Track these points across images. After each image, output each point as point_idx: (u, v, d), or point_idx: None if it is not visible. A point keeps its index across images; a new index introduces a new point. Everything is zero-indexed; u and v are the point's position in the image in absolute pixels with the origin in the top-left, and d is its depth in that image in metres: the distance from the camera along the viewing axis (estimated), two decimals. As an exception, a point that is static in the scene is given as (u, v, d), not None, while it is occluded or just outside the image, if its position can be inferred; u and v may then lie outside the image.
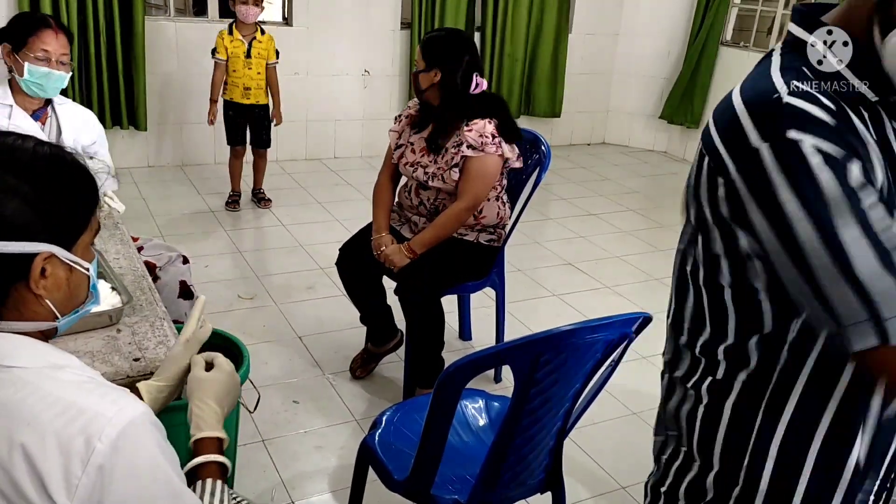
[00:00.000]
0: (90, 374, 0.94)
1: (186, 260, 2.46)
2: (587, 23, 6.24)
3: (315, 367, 2.88)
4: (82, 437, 0.84)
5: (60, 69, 2.25)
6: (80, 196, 0.96)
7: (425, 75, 2.48)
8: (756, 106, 0.85)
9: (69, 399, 0.86)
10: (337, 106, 5.53)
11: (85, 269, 0.98)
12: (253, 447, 2.39)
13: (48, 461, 0.83)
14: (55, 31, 2.25)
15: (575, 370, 1.50)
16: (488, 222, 2.59)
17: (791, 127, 0.81)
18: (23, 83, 2.22)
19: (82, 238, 0.97)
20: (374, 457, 1.75)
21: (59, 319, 0.99)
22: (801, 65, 0.89)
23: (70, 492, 0.83)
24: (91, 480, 0.83)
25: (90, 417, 0.85)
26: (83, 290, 1.01)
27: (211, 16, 5.07)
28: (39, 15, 2.35)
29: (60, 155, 0.96)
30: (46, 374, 0.90)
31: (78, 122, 2.38)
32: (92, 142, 2.43)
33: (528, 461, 1.61)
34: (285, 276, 3.67)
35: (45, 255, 0.92)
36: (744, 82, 0.92)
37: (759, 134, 0.83)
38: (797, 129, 0.81)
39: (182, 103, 5.04)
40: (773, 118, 0.83)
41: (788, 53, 0.91)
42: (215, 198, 4.62)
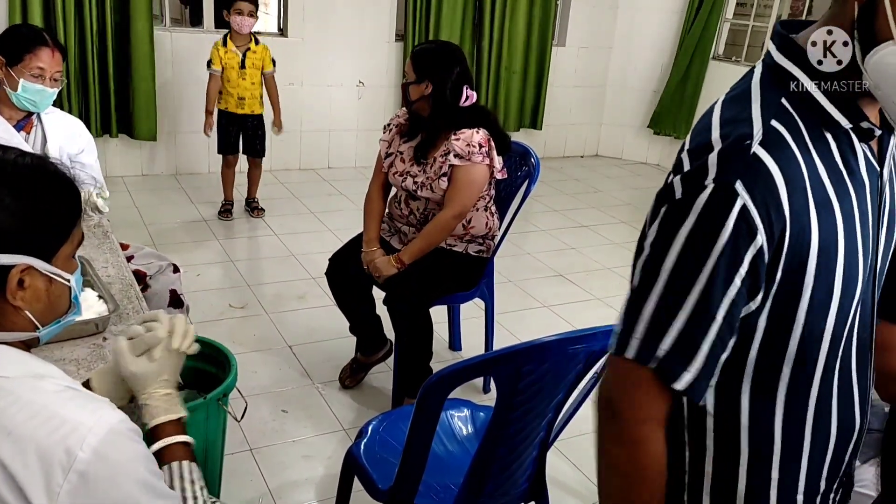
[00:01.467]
0: (69, 383, 0.95)
1: (177, 269, 2.47)
2: (581, 36, 6.29)
3: (304, 376, 2.89)
4: (63, 446, 0.85)
5: (54, 86, 2.28)
6: (62, 207, 0.97)
7: (416, 87, 2.51)
8: (728, 147, 0.85)
9: (50, 408, 0.87)
10: (331, 116, 5.56)
11: (66, 280, 0.99)
12: (241, 456, 2.40)
13: (28, 470, 0.84)
14: (52, 49, 2.27)
15: (557, 381, 1.52)
16: (477, 233, 2.61)
17: (741, 178, 0.83)
18: (14, 97, 2.23)
19: (63, 249, 0.97)
20: (359, 466, 1.76)
21: (40, 330, 1.00)
22: (780, 96, 0.89)
23: (52, 499, 0.84)
24: (73, 487, 0.85)
25: (71, 427, 0.86)
26: (64, 301, 1.02)
27: (206, 26, 5.10)
28: (36, 30, 2.35)
29: (42, 166, 0.97)
30: (27, 383, 0.91)
31: (64, 132, 2.39)
32: (80, 150, 2.43)
33: (512, 471, 1.62)
34: (277, 285, 3.68)
35: (23, 267, 0.93)
36: (724, 107, 0.92)
37: (717, 174, 0.84)
38: (745, 182, 0.82)
39: (176, 113, 5.06)
40: (735, 163, 0.84)
41: (769, 81, 0.91)
42: (208, 207, 4.63)
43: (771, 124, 0.86)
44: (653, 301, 0.87)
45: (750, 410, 0.94)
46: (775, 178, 0.83)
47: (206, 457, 2.00)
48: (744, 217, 0.82)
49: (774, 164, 0.84)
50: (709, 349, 0.86)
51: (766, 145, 0.84)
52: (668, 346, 0.86)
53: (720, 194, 0.82)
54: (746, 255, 0.83)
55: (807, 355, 0.91)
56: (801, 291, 0.87)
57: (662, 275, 0.86)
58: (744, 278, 0.84)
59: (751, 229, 0.82)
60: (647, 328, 0.87)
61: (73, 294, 1.02)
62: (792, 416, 0.95)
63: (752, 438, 0.95)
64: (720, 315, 0.85)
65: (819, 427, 0.96)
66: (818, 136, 0.88)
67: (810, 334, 0.90)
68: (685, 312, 0.85)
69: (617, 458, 0.92)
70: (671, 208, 0.86)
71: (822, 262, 0.86)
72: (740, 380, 0.93)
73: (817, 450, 0.98)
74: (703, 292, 0.84)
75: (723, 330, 0.86)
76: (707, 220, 0.83)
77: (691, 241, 0.84)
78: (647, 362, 0.87)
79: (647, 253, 0.89)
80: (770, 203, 0.83)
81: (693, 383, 0.87)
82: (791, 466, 0.97)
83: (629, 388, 0.90)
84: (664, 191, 0.89)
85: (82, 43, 4.58)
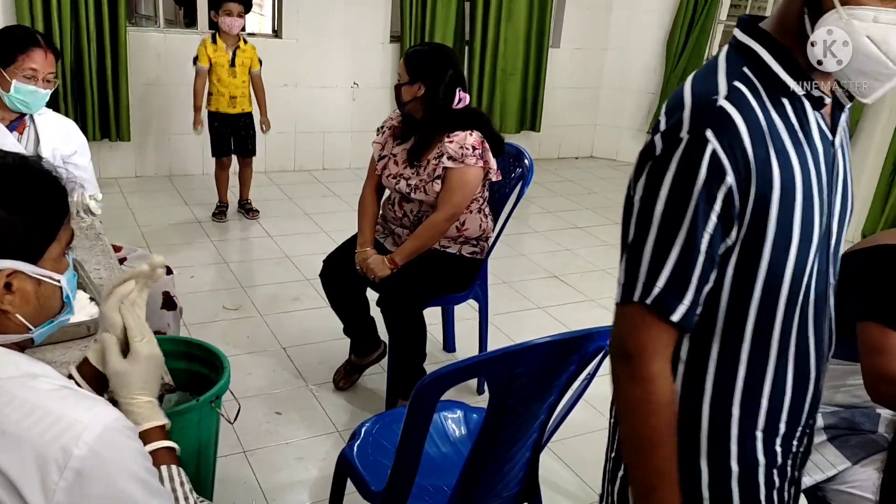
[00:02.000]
0: (64, 382, 0.95)
1: (170, 271, 2.47)
2: (575, 38, 6.30)
3: (298, 378, 2.89)
4: (59, 444, 0.85)
5: (46, 87, 2.26)
6: (47, 207, 0.96)
7: (408, 88, 2.51)
8: (698, 103, 0.96)
9: (46, 407, 0.87)
10: (326, 118, 5.56)
11: (56, 280, 0.99)
12: (234, 458, 2.39)
13: (24, 469, 0.84)
14: (45, 51, 2.25)
15: (550, 382, 1.51)
16: (471, 234, 2.61)
17: (710, 127, 0.93)
18: (7, 98, 2.22)
19: (50, 249, 0.97)
20: (352, 468, 1.76)
21: (33, 331, 0.99)
22: (743, 65, 1.00)
23: (47, 497, 0.84)
24: (69, 484, 0.85)
25: (67, 425, 0.86)
26: (55, 302, 1.01)
27: (200, 27, 5.09)
28: (30, 32, 2.33)
29: (26, 166, 0.96)
30: (22, 383, 0.91)
31: (57, 133, 2.38)
32: (72, 152, 2.42)
33: (504, 473, 1.62)
34: (271, 287, 3.68)
35: (8, 272, 0.92)
36: (694, 78, 1.02)
37: (689, 127, 0.95)
38: (714, 130, 0.93)
39: (169, 114, 5.05)
40: (704, 115, 0.95)
41: (734, 55, 1.02)
42: (202, 208, 4.62)
43: (734, 84, 0.97)
44: (649, 248, 0.97)
45: (718, 355, 1.04)
46: (739, 127, 0.94)
47: (199, 459, 1.99)
48: (714, 160, 0.93)
49: (738, 114, 0.94)
50: (697, 280, 0.97)
51: (731, 100, 0.95)
52: (663, 281, 0.96)
53: (693, 143, 0.93)
54: (719, 194, 0.93)
55: (769, 298, 1.01)
56: (766, 231, 0.96)
57: (654, 223, 0.96)
58: (719, 214, 0.94)
59: (721, 170, 0.93)
60: (647, 271, 0.97)
61: (64, 294, 1.02)
62: (754, 361, 1.04)
63: (716, 379, 1.05)
64: (703, 248, 0.95)
65: (778, 374, 1.05)
66: (776, 99, 0.99)
67: (772, 275, 0.99)
68: (676, 249, 0.95)
69: (634, 396, 1.00)
70: (654, 164, 0.97)
71: (782, 205, 0.96)
72: (713, 327, 1.03)
73: (776, 393, 1.06)
74: (688, 230, 0.94)
75: (706, 262, 0.96)
76: (685, 167, 0.94)
77: (674, 188, 0.94)
78: (647, 299, 0.97)
79: (637, 207, 0.99)
80: (736, 148, 0.93)
81: (685, 314, 0.97)
82: (750, 407, 1.06)
83: (636, 330, 0.99)
84: (646, 149, 0.99)
85: (78, 45, 4.57)
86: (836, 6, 0.90)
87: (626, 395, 1.02)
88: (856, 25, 0.89)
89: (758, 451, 1.07)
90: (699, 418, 1.06)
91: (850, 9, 0.89)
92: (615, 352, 1.03)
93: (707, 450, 1.07)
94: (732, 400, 1.05)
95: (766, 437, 1.08)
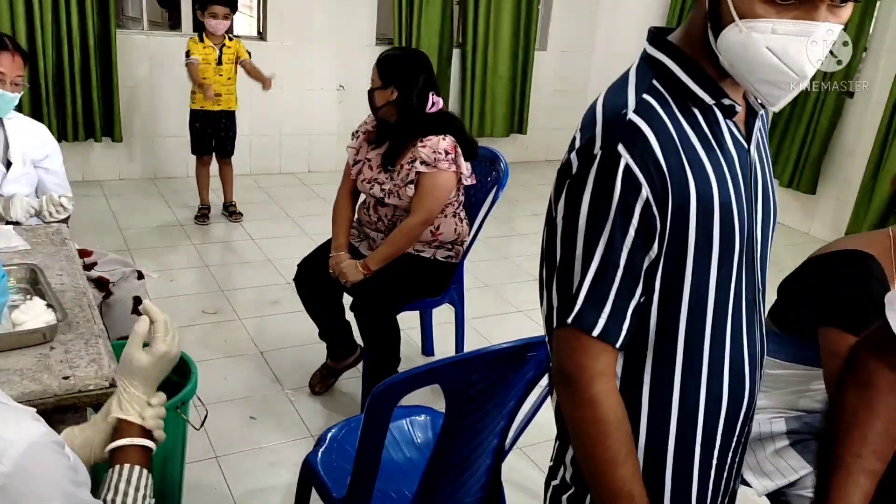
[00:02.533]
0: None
1: (142, 275, 2.45)
2: (562, 40, 6.30)
3: (275, 382, 2.88)
4: None
5: (14, 90, 2.26)
6: None
7: (381, 92, 2.51)
8: (608, 118, 0.97)
9: None
10: (312, 120, 5.55)
11: None
12: (205, 464, 2.38)
13: None
14: (12, 54, 2.25)
15: (508, 389, 1.51)
16: (445, 238, 2.60)
17: (621, 141, 0.93)
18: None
19: None
20: (315, 474, 1.75)
21: None
22: (652, 77, 1.00)
23: None
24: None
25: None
26: None
27: (185, 29, 5.08)
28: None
29: None
30: None
31: (28, 137, 2.38)
32: (44, 156, 2.42)
33: (465, 479, 1.61)
34: (251, 290, 3.67)
35: None
36: (607, 92, 1.03)
37: (602, 143, 0.95)
38: (625, 144, 0.93)
39: (154, 116, 5.04)
40: (614, 130, 0.95)
41: (644, 69, 1.02)
42: (185, 211, 4.61)
43: (643, 97, 0.97)
44: (578, 268, 0.96)
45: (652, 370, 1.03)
46: (650, 139, 0.94)
47: (165, 466, 1.98)
48: (628, 174, 0.93)
49: (648, 127, 0.95)
50: (615, 296, 0.96)
51: (639, 112, 0.96)
52: (582, 297, 0.96)
53: (606, 158, 0.94)
54: (636, 208, 0.93)
55: (697, 309, 1.00)
56: (687, 242, 0.97)
57: (579, 243, 0.96)
58: (637, 229, 0.94)
59: (635, 184, 0.93)
60: (575, 291, 0.96)
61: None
62: (688, 374, 1.03)
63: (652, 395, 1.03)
64: (622, 263, 0.95)
65: (712, 387, 1.04)
66: (686, 110, 0.99)
67: (698, 285, 0.99)
68: (594, 265, 0.95)
69: (580, 421, 0.99)
70: (572, 183, 0.97)
71: (700, 215, 0.96)
72: (645, 343, 1.02)
73: (711, 406, 1.05)
74: (606, 245, 0.94)
75: (626, 278, 0.96)
76: (601, 184, 0.94)
77: (593, 206, 0.94)
78: (568, 318, 0.96)
79: (560, 228, 0.99)
80: (648, 160, 0.93)
81: (605, 328, 0.96)
82: (686, 421, 1.04)
83: (573, 353, 0.98)
84: (563, 167, 0.99)
85: (59, 47, 4.55)
86: (735, 20, 0.90)
87: (573, 418, 1.00)
88: (755, 37, 0.90)
89: (694, 466, 1.06)
90: (637, 436, 1.04)
91: (748, 21, 0.90)
92: (556, 376, 1.02)
93: (643, 466, 1.05)
94: (669, 415, 1.04)
95: (702, 452, 1.06)
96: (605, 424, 0.98)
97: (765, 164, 1.09)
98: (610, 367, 0.99)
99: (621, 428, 0.99)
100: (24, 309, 1.56)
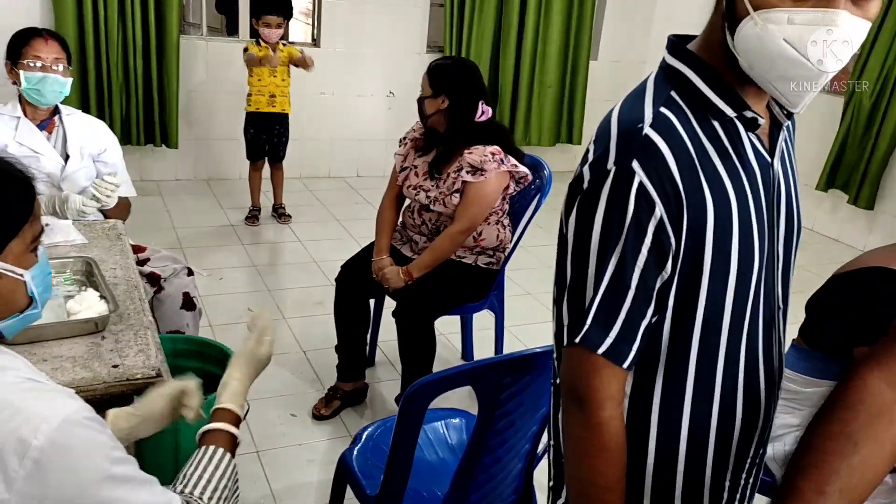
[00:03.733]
0: (32, 374, 0.99)
1: (191, 272, 2.54)
2: (614, 50, 6.26)
3: (316, 381, 2.93)
4: (16, 436, 0.88)
5: (56, 72, 2.34)
6: (5, 205, 1.00)
7: (432, 101, 2.54)
8: (623, 132, 0.94)
9: (7, 400, 0.91)
10: (361, 126, 5.64)
11: (18, 275, 1.03)
12: (247, 457, 2.44)
13: None
14: (45, 39, 2.35)
15: (541, 393, 1.52)
16: (488, 245, 2.62)
17: (636, 157, 0.91)
18: (24, 92, 2.33)
19: (12, 245, 1.01)
20: (350, 472, 1.79)
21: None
22: (670, 89, 0.97)
23: (9, 485, 0.88)
24: (28, 473, 0.88)
25: (26, 417, 0.90)
26: (19, 296, 1.05)
27: (242, 35, 5.22)
28: (31, 27, 2.43)
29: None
30: None
31: (85, 132, 2.46)
32: (101, 150, 2.50)
33: (497, 483, 1.63)
34: (297, 291, 3.74)
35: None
36: (623, 104, 0.99)
37: (615, 158, 0.92)
38: (640, 161, 0.90)
39: (210, 119, 5.18)
40: (629, 145, 0.92)
41: (662, 80, 0.99)
42: (237, 212, 4.73)
43: (660, 111, 0.94)
44: (590, 287, 0.94)
45: (663, 389, 1.00)
46: (665, 156, 0.91)
47: (207, 456, 2.05)
48: (642, 192, 0.90)
49: (664, 143, 0.92)
50: (625, 315, 0.93)
51: (656, 127, 0.92)
52: (591, 316, 0.94)
53: (620, 175, 0.91)
54: (649, 227, 0.91)
55: (711, 329, 0.97)
56: (703, 261, 0.93)
57: (590, 261, 0.93)
58: (650, 248, 0.91)
59: (649, 203, 0.90)
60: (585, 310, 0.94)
61: (28, 289, 1.06)
62: (700, 393, 1.00)
63: (662, 415, 1.01)
64: (633, 283, 0.92)
65: (726, 406, 1.01)
66: (706, 123, 0.95)
67: (713, 305, 0.96)
68: (604, 284, 0.93)
69: (585, 441, 0.97)
70: (583, 199, 0.94)
71: (718, 234, 0.93)
72: (656, 362, 0.99)
73: (725, 426, 1.02)
74: (617, 265, 0.92)
75: (638, 298, 0.93)
76: (613, 201, 0.91)
77: (605, 223, 0.92)
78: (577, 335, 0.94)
79: (571, 245, 0.96)
80: (664, 178, 0.90)
81: (615, 348, 0.94)
82: (698, 441, 1.01)
83: (585, 374, 0.96)
84: (575, 181, 0.96)
85: (125, 52, 4.71)
86: (750, 12, 0.87)
87: (576, 438, 0.98)
88: (771, 29, 0.86)
89: (705, 487, 1.03)
90: (644, 457, 1.02)
91: (764, 13, 0.86)
92: (567, 395, 1.00)
93: (651, 488, 1.03)
94: (679, 435, 1.01)
95: (714, 473, 1.04)
96: (607, 451, 0.96)
97: (790, 177, 1.05)
98: (620, 391, 0.97)
99: (620, 456, 0.98)
100: (79, 299, 1.64)
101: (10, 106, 2.41)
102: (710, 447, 1.02)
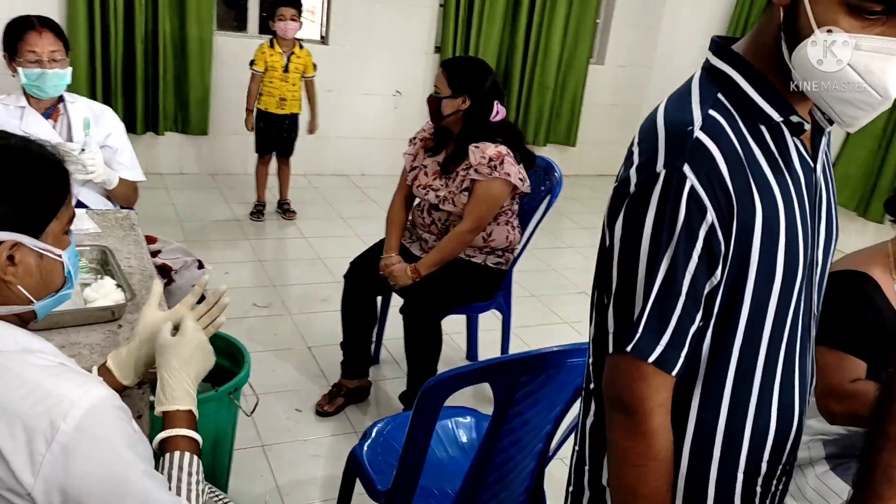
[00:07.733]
0: (62, 359, 0.99)
1: (202, 265, 2.54)
2: (621, 55, 6.28)
3: (321, 377, 2.93)
4: (47, 419, 0.89)
5: (54, 67, 2.31)
6: (48, 187, 1.02)
7: (450, 101, 2.52)
8: (672, 134, 0.93)
9: (37, 382, 0.91)
10: (367, 124, 5.64)
11: (56, 255, 1.04)
12: (252, 451, 2.45)
13: (13, 441, 0.88)
14: (38, 31, 2.29)
15: (556, 393, 1.52)
16: (497, 245, 2.63)
17: (687, 161, 0.89)
18: (25, 87, 2.33)
19: (51, 226, 1.02)
20: (361, 467, 1.79)
21: (35, 304, 1.04)
22: (717, 91, 0.96)
23: (34, 469, 0.88)
24: (54, 458, 0.88)
25: (56, 400, 0.90)
26: (57, 276, 1.06)
27: (251, 31, 5.22)
28: (24, 18, 2.36)
29: (27, 147, 1.02)
30: (18, 357, 0.94)
31: (89, 117, 2.43)
32: (107, 134, 2.47)
33: (508, 482, 1.63)
34: (302, 287, 3.74)
35: (11, 244, 0.97)
36: (668, 104, 0.99)
37: (665, 161, 0.91)
38: (691, 164, 0.89)
39: (217, 114, 5.18)
40: (679, 148, 0.91)
41: (707, 81, 0.98)
42: (242, 207, 4.73)
43: (709, 113, 0.93)
44: (640, 294, 0.92)
45: (701, 396, 0.99)
46: (717, 159, 0.90)
47: (216, 448, 2.05)
48: (693, 197, 0.89)
49: (715, 146, 0.90)
50: (676, 322, 0.92)
51: (706, 130, 0.91)
52: (643, 325, 0.92)
53: (671, 179, 0.89)
54: (700, 232, 0.89)
55: (753, 335, 0.96)
56: (748, 266, 0.92)
57: (640, 267, 0.92)
58: (700, 254, 0.90)
59: (700, 207, 0.89)
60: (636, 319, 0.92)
61: (65, 269, 1.07)
62: (736, 400, 0.99)
63: (698, 422, 1.00)
64: (684, 290, 0.91)
65: (761, 413, 1.01)
66: (753, 126, 0.94)
67: (756, 311, 0.95)
68: (655, 291, 0.91)
69: (631, 451, 0.96)
70: (631, 203, 0.92)
71: (765, 239, 0.92)
72: (696, 369, 0.98)
73: (759, 432, 1.01)
74: (668, 271, 0.90)
75: (688, 304, 0.92)
76: (664, 206, 0.89)
77: (656, 229, 0.90)
78: (627, 344, 0.92)
79: (618, 250, 0.94)
80: (715, 182, 0.89)
81: (662, 354, 0.92)
82: (732, 448, 1.01)
83: (632, 382, 0.94)
84: (621, 185, 0.95)
85: (130, 43, 4.72)
86: (815, 30, 0.85)
87: (623, 448, 0.97)
88: (836, 52, 0.85)
89: (736, 494, 1.03)
90: (678, 462, 1.01)
91: (830, 35, 0.85)
92: (612, 403, 0.98)
93: (683, 493, 1.02)
94: (714, 441, 1.00)
95: (746, 479, 1.03)
96: (655, 460, 0.95)
97: (829, 184, 1.05)
98: (668, 399, 0.95)
99: (668, 464, 0.97)
100: (95, 287, 1.64)
101: (15, 96, 2.40)
102: (744, 453, 1.02)
